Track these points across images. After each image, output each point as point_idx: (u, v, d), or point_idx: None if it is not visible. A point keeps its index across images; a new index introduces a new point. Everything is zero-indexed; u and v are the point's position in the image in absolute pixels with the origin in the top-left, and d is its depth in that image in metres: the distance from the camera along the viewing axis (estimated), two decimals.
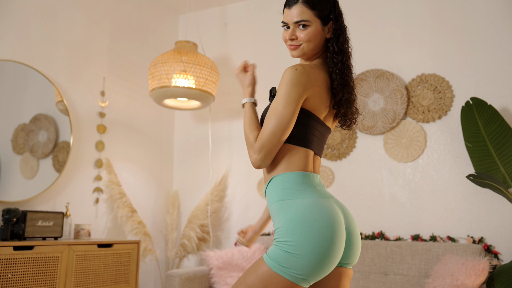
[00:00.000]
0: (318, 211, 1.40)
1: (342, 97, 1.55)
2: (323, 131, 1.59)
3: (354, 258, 1.52)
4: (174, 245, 4.05)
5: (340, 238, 1.40)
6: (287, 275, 1.36)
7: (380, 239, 3.32)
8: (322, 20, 1.56)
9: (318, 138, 1.57)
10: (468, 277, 2.59)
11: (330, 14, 1.58)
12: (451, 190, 3.21)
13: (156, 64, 3.53)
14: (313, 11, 1.55)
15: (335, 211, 1.44)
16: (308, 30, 1.55)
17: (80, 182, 3.48)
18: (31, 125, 3.19)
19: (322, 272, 1.39)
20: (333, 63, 1.56)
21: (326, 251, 1.37)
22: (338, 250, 1.40)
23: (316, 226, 1.38)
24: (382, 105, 3.48)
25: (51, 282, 2.73)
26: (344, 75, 1.56)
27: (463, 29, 3.33)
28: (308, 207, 1.41)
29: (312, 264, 1.36)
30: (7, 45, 3.10)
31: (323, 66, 1.59)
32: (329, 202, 1.45)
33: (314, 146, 1.55)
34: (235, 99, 4.15)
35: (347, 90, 1.56)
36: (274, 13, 4.14)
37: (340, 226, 1.42)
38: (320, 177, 1.57)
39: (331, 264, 1.40)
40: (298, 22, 1.56)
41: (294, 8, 1.56)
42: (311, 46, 1.58)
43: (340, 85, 1.55)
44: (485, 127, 3.00)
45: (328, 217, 1.40)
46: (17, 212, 2.76)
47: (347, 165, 3.58)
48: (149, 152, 4.14)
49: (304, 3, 1.55)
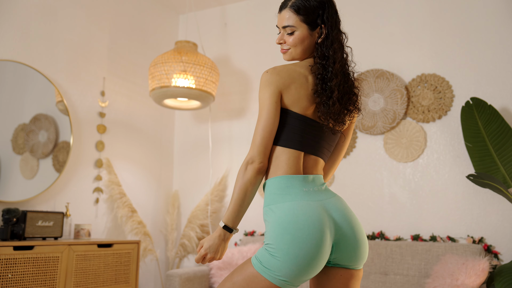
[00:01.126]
0: (296, 214, 1.41)
1: (320, 101, 1.52)
2: (316, 130, 1.55)
3: (358, 260, 1.50)
4: (174, 245, 4.05)
5: (320, 242, 1.39)
6: (268, 277, 1.38)
7: (380, 239, 3.33)
8: (309, 25, 1.57)
9: (308, 137, 1.53)
10: (468, 277, 2.59)
11: (317, 19, 1.57)
12: (451, 190, 3.21)
13: (156, 64, 3.53)
14: (298, 16, 1.56)
15: (317, 214, 1.42)
16: (294, 35, 1.57)
17: (80, 182, 3.48)
18: (31, 125, 3.19)
19: (304, 275, 1.40)
20: (316, 67, 1.55)
21: (303, 254, 1.37)
22: (318, 253, 1.39)
23: (292, 229, 1.39)
24: (382, 105, 3.48)
25: (51, 282, 2.73)
26: (327, 80, 1.53)
27: (463, 29, 3.33)
28: (287, 211, 1.42)
29: (290, 267, 1.37)
30: (7, 45, 3.10)
31: (306, 65, 1.59)
32: (310, 205, 1.44)
33: (303, 145, 1.53)
34: (235, 99, 4.15)
35: (326, 95, 1.52)
36: (274, 13, 4.14)
37: (321, 230, 1.40)
38: (319, 177, 1.54)
39: (313, 266, 1.39)
40: (284, 27, 1.58)
41: (283, 13, 1.59)
42: (298, 50, 1.59)
43: (318, 90, 1.53)
44: (485, 127, 3.00)
45: (306, 220, 1.40)
46: (17, 212, 2.76)
47: (347, 165, 3.58)
48: (149, 152, 4.14)
49: (291, 8, 1.57)
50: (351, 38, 3.70)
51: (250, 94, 4.09)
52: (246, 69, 4.15)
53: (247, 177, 1.48)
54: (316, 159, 1.56)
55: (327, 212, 1.45)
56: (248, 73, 4.14)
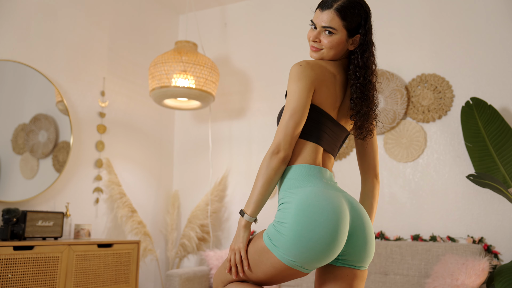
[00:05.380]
0: (318, 198, 1.42)
1: (360, 110, 1.58)
2: (335, 129, 1.60)
3: (366, 258, 1.51)
4: (174, 245, 4.05)
5: (338, 228, 1.40)
6: (277, 254, 1.41)
7: (380, 239, 3.32)
8: (349, 31, 1.59)
9: (328, 135, 1.58)
10: (468, 277, 2.59)
11: (359, 28, 1.60)
12: (451, 190, 3.21)
13: (156, 64, 3.53)
14: (342, 21, 1.56)
15: (339, 202, 1.44)
16: (332, 37, 1.58)
17: (80, 182, 3.48)
18: (31, 125, 3.19)
19: (317, 260, 1.40)
20: (355, 76, 1.59)
21: (318, 238, 1.38)
22: (334, 240, 1.39)
23: (311, 212, 1.40)
24: (382, 105, 3.48)
25: (51, 282, 2.73)
26: (365, 89, 1.59)
27: (463, 29, 3.33)
28: (309, 194, 1.43)
29: (300, 249, 1.38)
30: (7, 45, 3.10)
31: (335, 65, 1.62)
32: (334, 193, 1.46)
33: (323, 142, 1.57)
34: (235, 99, 4.15)
35: (365, 104, 1.59)
36: (274, 13, 4.14)
37: (341, 218, 1.41)
38: (331, 174, 1.58)
39: (327, 252, 1.40)
40: (325, 28, 1.58)
41: (326, 13, 1.57)
42: (331, 53, 1.60)
43: (359, 98, 1.58)
44: (485, 127, 3.00)
45: (327, 205, 1.41)
46: (17, 212, 2.76)
47: (347, 165, 3.58)
48: (149, 152, 4.14)
49: (336, 11, 1.56)
50: None
51: (250, 94, 4.09)
52: (246, 69, 4.15)
53: (272, 166, 1.48)
54: (330, 156, 1.61)
55: (346, 202, 1.48)
56: (248, 73, 4.14)
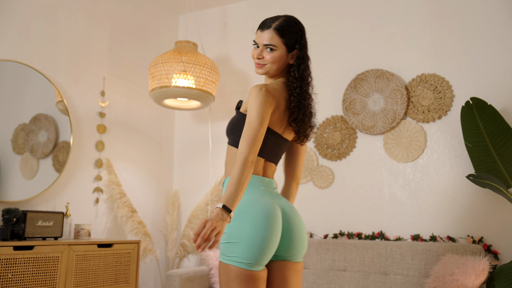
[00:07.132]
0: (254, 205, 1.67)
1: (297, 117, 1.81)
2: (278, 141, 1.83)
3: (294, 252, 1.74)
4: (174, 245, 4.05)
5: (272, 227, 1.64)
6: (233, 262, 1.61)
7: (380, 239, 3.32)
8: (288, 47, 1.81)
9: (269, 146, 1.81)
10: (468, 277, 2.59)
11: (296, 43, 1.82)
12: (451, 190, 3.21)
13: (156, 64, 3.53)
14: (281, 39, 1.79)
15: (270, 206, 1.69)
16: (274, 53, 1.80)
17: (80, 182, 3.48)
18: (31, 125, 3.19)
19: (263, 255, 1.63)
20: (292, 87, 1.81)
21: (261, 237, 1.61)
22: (270, 237, 1.64)
23: (250, 217, 1.64)
24: (382, 105, 3.48)
25: (51, 282, 2.73)
26: (301, 98, 1.80)
27: (463, 29, 3.33)
28: (246, 202, 1.68)
29: (250, 248, 1.60)
30: (7, 45, 3.10)
31: (284, 86, 1.84)
32: (266, 200, 1.71)
33: (264, 153, 1.80)
34: (235, 99, 4.15)
35: (302, 111, 1.81)
36: (274, 14, 4.12)
37: (273, 218, 1.66)
38: (273, 181, 1.83)
39: (269, 248, 1.64)
40: (266, 45, 1.80)
41: (266, 32, 1.80)
42: (274, 67, 1.82)
43: (295, 107, 1.80)
44: (485, 127, 2.99)
45: (262, 210, 1.66)
46: (17, 212, 2.76)
47: (347, 165, 3.58)
48: (149, 152, 4.14)
49: (275, 30, 1.79)
50: (351, 38, 3.71)
51: None
52: (246, 69, 4.15)
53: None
54: (272, 165, 1.85)
55: (279, 207, 1.74)
56: (248, 73, 4.14)
